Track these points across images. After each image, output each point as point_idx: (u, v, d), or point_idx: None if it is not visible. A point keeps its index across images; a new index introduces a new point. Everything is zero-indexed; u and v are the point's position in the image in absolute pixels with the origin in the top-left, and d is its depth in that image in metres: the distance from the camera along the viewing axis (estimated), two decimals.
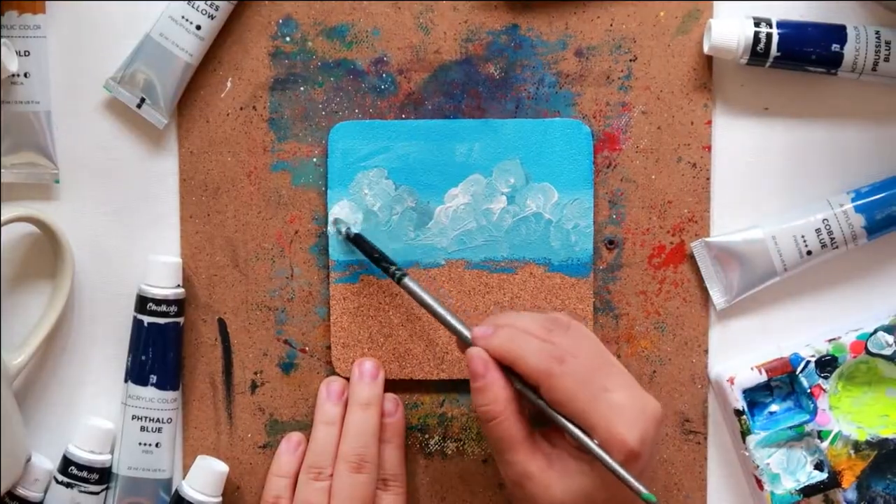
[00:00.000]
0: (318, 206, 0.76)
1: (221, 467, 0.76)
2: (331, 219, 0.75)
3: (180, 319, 0.76)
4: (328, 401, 0.75)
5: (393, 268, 0.72)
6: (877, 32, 0.74)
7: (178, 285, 0.76)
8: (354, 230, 0.75)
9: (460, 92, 0.76)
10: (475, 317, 0.76)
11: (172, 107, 0.75)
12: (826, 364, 0.76)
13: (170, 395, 0.76)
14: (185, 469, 0.77)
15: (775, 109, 0.77)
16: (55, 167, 0.76)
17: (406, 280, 0.72)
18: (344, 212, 0.75)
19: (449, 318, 0.70)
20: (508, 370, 0.68)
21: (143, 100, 0.75)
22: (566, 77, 0.76)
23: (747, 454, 0.76)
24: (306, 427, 0.77)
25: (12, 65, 0.73)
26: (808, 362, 0.76)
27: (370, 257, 0.73)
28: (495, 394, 0.67)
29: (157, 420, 0.76)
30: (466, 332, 0.70)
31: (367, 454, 0.73)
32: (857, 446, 0.76)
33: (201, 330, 0.77)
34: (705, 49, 0.75)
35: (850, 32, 0.73)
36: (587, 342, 0.69)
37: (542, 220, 0.76)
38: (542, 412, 0.68)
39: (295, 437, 0.76)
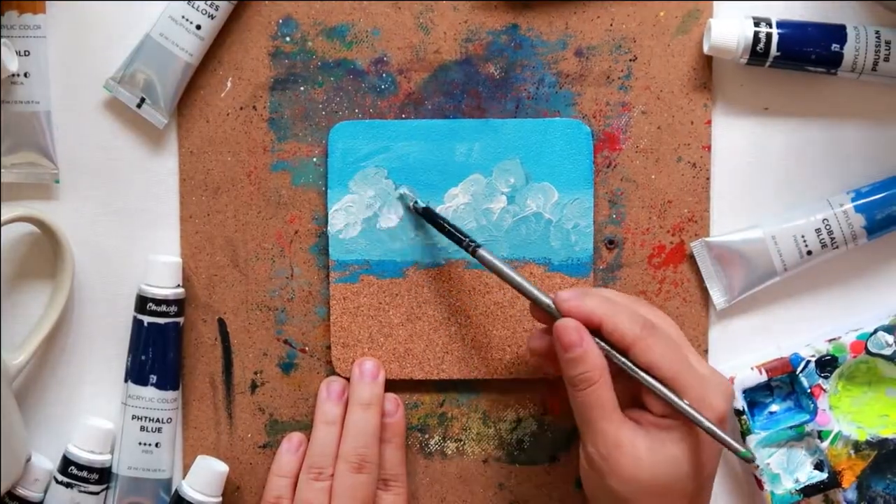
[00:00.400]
0: (318, 206, 0.76)
1: (221, 467, 0.76)
2: (397, 192, 0.75)
3: (180, 319, 0.76)
4: (328, 401, 0.75)
5: (467, 240, 0.72)
6: (877, 32, 0.74)
7: (178, 285, 0.76)
8: (423, 204, 0.74)
9: (460, 92, 0.76)
10: (475, 317, 0.76)
11: (172, 107, 0.75)
12: (826, 364, 0.76)
13: (170, 394, 0.76)
14: (185, 469, 0.77)
15: (775, 109, 0.77)
16: (55, 167, 0.76)
17: (481, 251, 0.71)
18: (403, 190, 0.75)
19: (530, 287, 0.69)
20: (595, 335, 0.68)
21: (143, 100, 0.75)
22: (566, 77, 0.76)
23: None
24: (306, 427, 0.77)
25: (12, 65, 0.73)
26: (809, 362, 0.76)
27: (441, 229, 0.73)
28: (593, 361, 0.67)
29: (157, 420, 0.76)
30: (549, 301, 0.69)
31: (368, 454, 0.73)
32: (857, 446, 0.76)
33: (201, 330, 0.77)
34: (705, 49, 0.75)
35: (850, 32, 0.73)
36: (668, 321, 0.70)
37: (542, 219, 0.76)
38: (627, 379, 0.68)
39: (296, 437, 0.76)
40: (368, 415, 0.74)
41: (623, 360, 0.68)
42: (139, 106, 0.75)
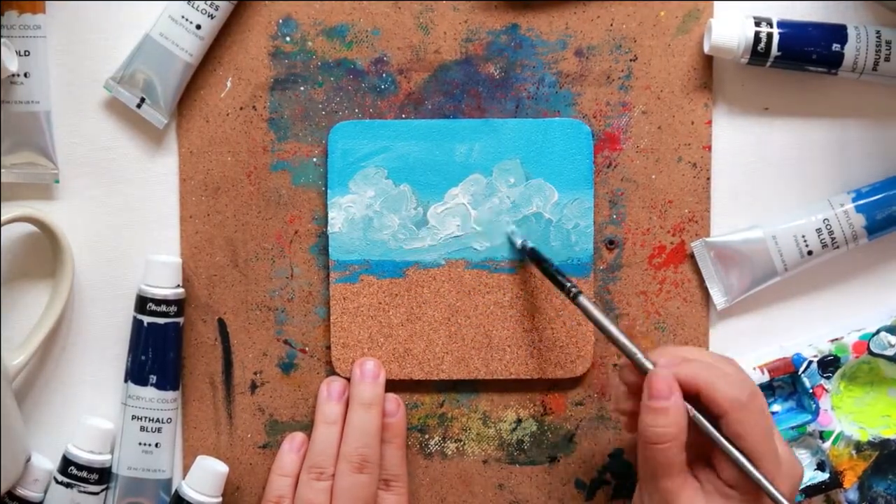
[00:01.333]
0: (318, 206, 0.76)
1: (221, 467, 0.76)
2: (508, 228, 0.75)
3: (180, 319, 0.76)
4: (329, 400, 0.75)
5: (569, 284, 0.71)
6: (877, 32, 0.73)
7: (178, 285, 0.76)
8: (530, 244, 0.74)
9: (460, 92, 0.76)
10: (475, 317, 0.76)
11: (172, 107, 0.75)
12: (828, 364, 0.76)
13: (169, 395, 0.76)
14: (185, 469, 0.77)
15: (776, 109, 0.77)
16: (55, 167, 0.76)
17: (581, 298, 0.70)
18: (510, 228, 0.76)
19: (627, 342, 0.68)
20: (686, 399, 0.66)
21: (142, 99, 0.75)
22: (566, 77, 0.76)
23: None
24: (306, 427, 0.77)
25: (12, 65, 0.73)
26: (811, 362, 0.76)
27: (544, 271, 0.72)
28: (676, 418, 0.65)
29: (157, 420, 0.76)
30: (647, 362, 0.67)
31: (369, 454, 0.73)
32: (858, 447, 0.76)
33: (201, 330, 0.77)
34: (706, 49, 0.75)
35: (851, 32, 0.73)
36: (758, 390, 0.68)
37: (542, 219, 0.76)
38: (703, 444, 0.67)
39: (298, 436, 0.76)
40: (370, 415, 0.74)
41: (707, 425, 0.66)
42: (139, 106, 0.75)
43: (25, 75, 0.74)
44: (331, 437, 0.74)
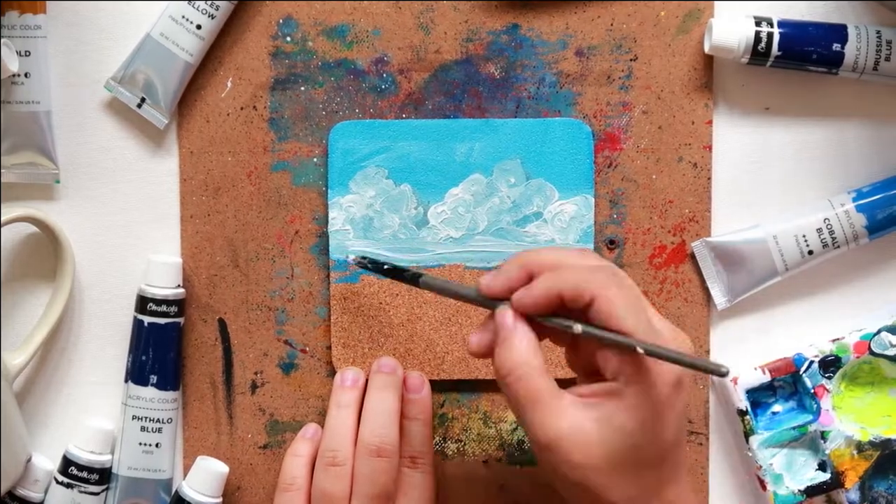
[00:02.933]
0: (319, 206, 0.76)
1: (222, 468, 0.76)
2: (353, 259, 0.74)
3: (180, 319, 0.76)
4: (341, 387, 0.74)
5: (407, 274, 0.71)
6: (878, 32, 0.73)
7: (179, 285, 0.76)
8: (359, 257, 0.74)
9: (461, 92, 0.76)
10: (476, 318, 0.76)
11: (173, 107, 0.75)
12: (829, 364, 0.76)
13: (170, 395, 0.76)
14: (186, 469, 0.77)
15: (776, 109, 0.77)
16: (55, 167, 0.76)
17: (424, 279, 0.70)
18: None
19: (467, 292, 0.67)
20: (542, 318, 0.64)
21: (143, 99, 0.75)
22: (567, 77, 0.76)
23: (750, 454, 0.76)
24: None
25: (13, 65, 0.73)
26: (812, 362, 0.76)
27: (384, 273, 0.72)
28: (513, 347, 0.63)
29: (158, 420, 0.76)
30: (501, 304, 0.65)
31: (387, 437, 0.71)
32: (859, 447, 0.75)
33: (201, 330, 0.77)
34: (706, 48, 0.75)
35: (851, 32, 0.73)
36: (622, 272, 0.65)
37: (543, 219, 0.76)
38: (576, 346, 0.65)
39: (312, 426, 0.75)
40: (386, 395, 0.72)
41: (573, 323, 0.62)
42: (139, 106, 0.75)
43: (26, 75, 0.74)
44: (343, 418, 0.72)
